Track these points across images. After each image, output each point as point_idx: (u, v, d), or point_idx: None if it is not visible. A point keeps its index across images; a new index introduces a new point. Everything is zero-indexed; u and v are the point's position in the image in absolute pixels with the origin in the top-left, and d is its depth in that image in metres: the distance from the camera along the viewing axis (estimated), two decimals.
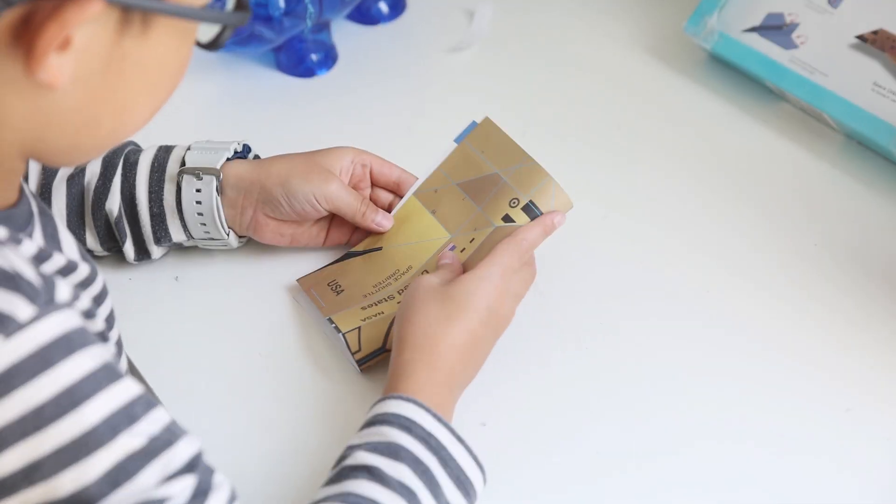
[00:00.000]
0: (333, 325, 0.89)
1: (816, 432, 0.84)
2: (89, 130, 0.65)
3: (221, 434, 0.84)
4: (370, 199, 0.97)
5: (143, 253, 0.94)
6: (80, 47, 0.60)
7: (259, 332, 0.92)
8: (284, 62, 1.16)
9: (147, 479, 0.62)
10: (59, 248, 0.71)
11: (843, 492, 0.80)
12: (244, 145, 0.95)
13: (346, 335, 0.88)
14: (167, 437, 0.63)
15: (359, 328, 0.88)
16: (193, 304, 0.94)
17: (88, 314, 0.70)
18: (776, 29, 1.09)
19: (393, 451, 0.73)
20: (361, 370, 0.87)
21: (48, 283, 0.62)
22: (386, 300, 0.90)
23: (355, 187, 0.96)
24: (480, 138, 0.97)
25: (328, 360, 0.90)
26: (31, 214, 0.68)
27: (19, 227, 0.67)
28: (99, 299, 0.75)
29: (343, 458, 0.75)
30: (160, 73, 0.65)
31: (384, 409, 0.76)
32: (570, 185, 1.03)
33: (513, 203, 0.92)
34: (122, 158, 0.92)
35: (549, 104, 1.12)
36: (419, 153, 1.08)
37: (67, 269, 0.70)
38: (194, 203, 0.91)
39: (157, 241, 0.93)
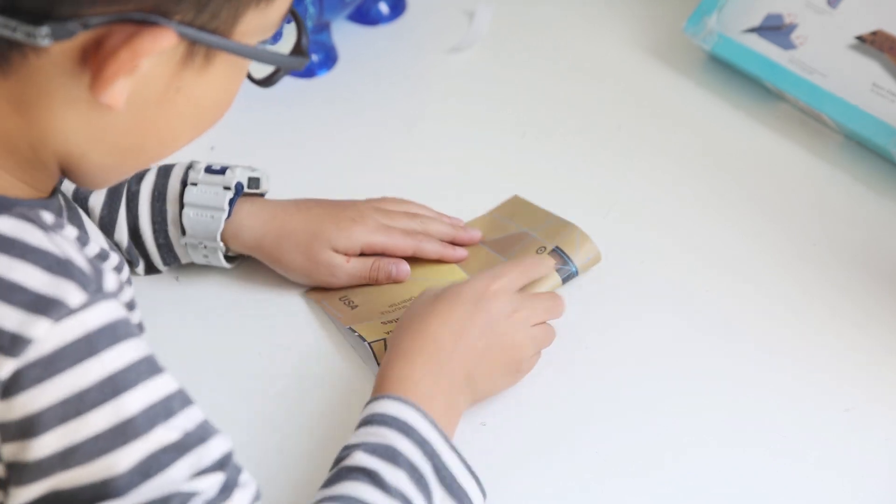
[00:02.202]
0: (357, 333, 0.88)
1: (815, 432, 0.84)
2: (132, 153, 0.66)
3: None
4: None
5: (153, 270, 0.94)
6: (143, 74, 0.61)
7: (259, 333, 0.92)
8: None
9: (178, 473, 0.63)
10: (87, 236, 0.72)
11: (843, 492, 0.80)
12: (248, 178, 0.92)
13: (372, 345, 0.87)
14: (201, 434, 0.64)
15: (384, 339, 0.88)
16: (194, 305, 0.94)
17: (130, 306, 0.71)
18: (775, 29, 1.09)
19: (391, 455, 0.73)
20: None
21: (97, 271, 0.63)
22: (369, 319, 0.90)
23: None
24: (508, 210, 0.98)
25: (328, 360, 0.90)
26: (61, 207, 0.70)
27: (53, 210, 0.68)
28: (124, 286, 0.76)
29: (341, 458, 0.75)
30: (209, 107, 0.67)
31: (382, 409, 0.76)
32: (570, 186, 1.03)
33: (540, 250, 0.93)
34: (125, 187, 0.92)
35: (548, 104, 1.12)
36: (419, 154, 1.08)
37: (102, 256, 0.71)
38: (202, 257, 0.92)
39: (167, 264, 0.94)
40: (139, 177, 0.93)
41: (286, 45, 0.70)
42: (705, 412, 0.85)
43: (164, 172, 0.93)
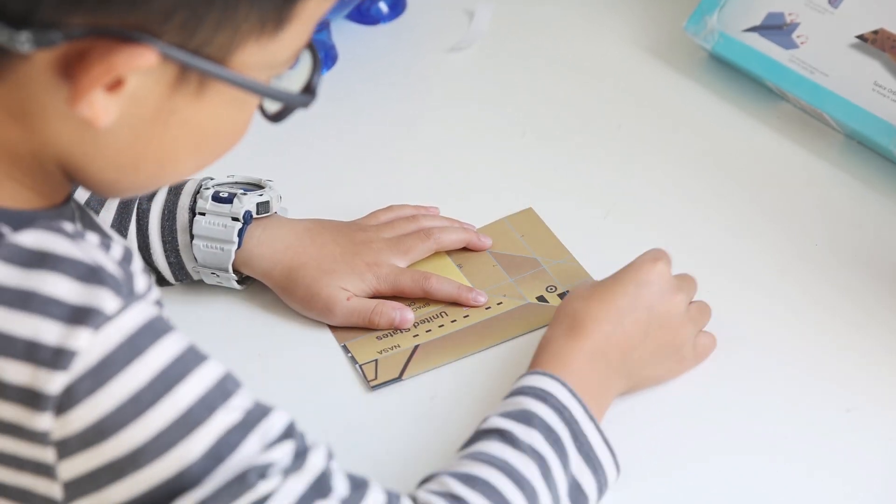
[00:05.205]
0: (349, 353, 0.89)
1: (817, 433, 0.83)
2: (129, 172, 0.65)
3: None
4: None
5: (164, 283, 0.94)
6: (131, 93, 0.61)
7: (258, 333, 0.92)
8: None
9: (249, 449, 0.63)
10: (107, 236, 0.71)
11: (843, 492, 0.80)
12: (257, 204, 0.91)
13: (363, 367, 0.88)
14: (261, 410, 0.65)
15: (376, 361, 0.88)
16: (193, 305, 0.94)
17: (158, 304, 0.71)
18: (776, 29, 1.08)
19: (526, 418, 0.75)
20: (372, 387, 0.88)
21: (127, 274, 0.63)
22: (402, 332, 0.90)
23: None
24: (521, 222, 0.98)
25: (328, 361, 0.90)
26: (73, 212, 0.70)
27: (69, 218, 0.68)
28: None
29: (479, 425, 0.76)
30: (209, 135, 0.66)
31: (522, 383, 0.78)
32: (570, 186, 1.03)
33: (550, 289, 0.93)
34: (136, 205, 0.92)
35: (548, 104, 1.12)
36: (418, 153, 1.08)
37: (127, 258, 0.70)
38: (214, 281, 0.93)
39: (179, 280, 0.93)
40: (150, 195, 0.92)
41: (301, 74, 0.68)
42: (705, 412, 0.85)
43: (175, 190, 0.92)
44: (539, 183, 1.03)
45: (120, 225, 0.91)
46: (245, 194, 0.91)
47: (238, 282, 0.92)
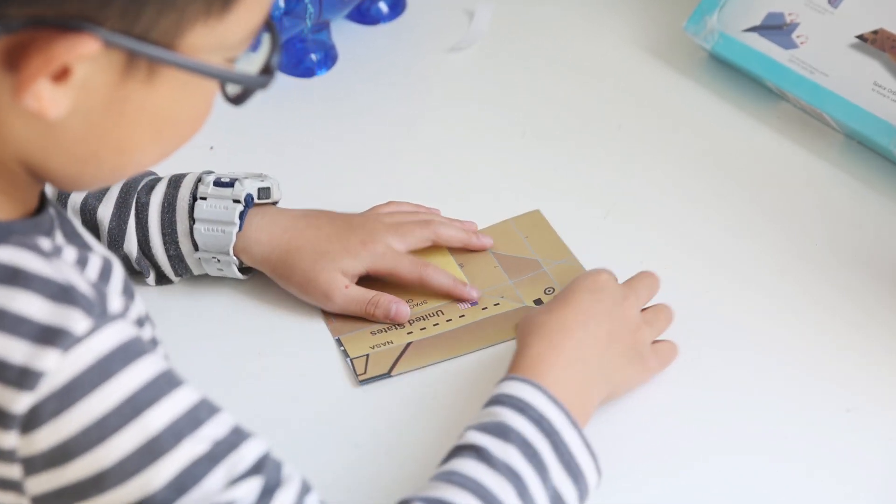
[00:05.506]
0: (342, 347, 0.89)
1: (817, 433, 0.84)
2: (90, 164, 0.64)
3: None
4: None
5: (164, 281, 0.94)
6: (81, 83, 0.60)
7: (258, 333, 0.92)
8: (284, 62, 1.16)
9: (213, 484, 0.62)
10: (86, 245, 0.71)
11: (844, 492, 0.80)
12: (258, 189, 0.91)
13: (353, 360, 0.88)
14: (232, 440, 0.64)
15: (367, 356, 0.88)
16: (193, 305, 0.94)
17: (140, 322, 0.70)
18: (776, 29, 1.08)
19: (503, 432, 0.73)
20: (360, 381, 0.88)
21: (100, 293, 0.62)
22: (395, 328, 0.90)
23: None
24: (527, 224, 0.98)
25: (328, 361, 0.89)
26: (52, 218, 0.69)
27: (45, 231, 0.67)
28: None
29: (457, 440, 0.75)
30: (166, 122, 0.65)
31: (500, 390, 0.77)
32: (570, 186, 1.03)
33: (548, 291, 0.93)
34: (134, 198, 0.92)
35: (548, 104, 1.12)
36: (418, 153, 1.08)
37: (105, 271, 0.70)
38: (216, 269, 0.92)
39: (179, 275, 0.93)
40: (149, 187, 0.92)
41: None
42: (706, 412, 0.85)
43: (175, 183, 0.92)
44: (539, 183, 1.03)
45: (119, 219, 0.91)
46: (247, 178, 0.91)
47: (240, 271, 0.92)
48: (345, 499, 0.79)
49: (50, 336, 0.59)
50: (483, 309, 0.92)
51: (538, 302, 0.92)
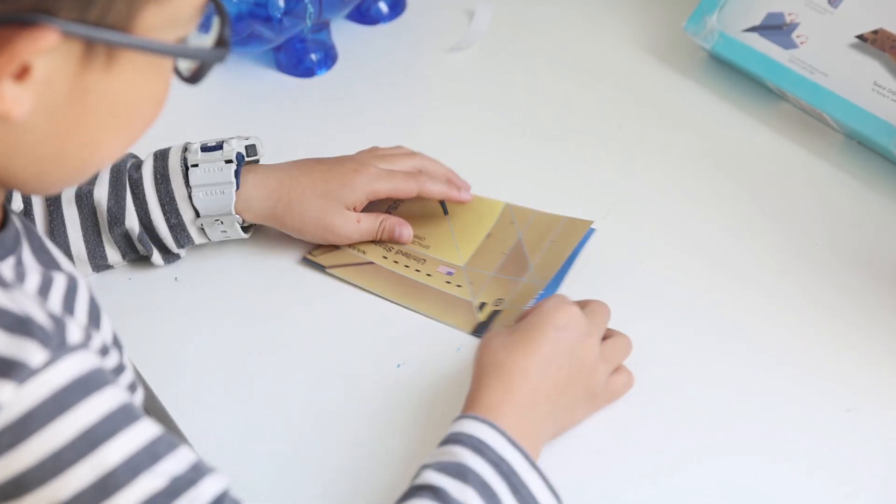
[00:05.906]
0: (309, 261, 0.95)
1: (817, 433, 0.83)
2: (56, 163, 0.63)
3: (219, 435, 0.84)
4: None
5: (170, 256, 0.95)
6: (42, 79, 0.59)
7: (258, 333, 0.92)
8: (284, 62, 1.16)
9: None
10: (53, 262, 0.70)
11: (844, 492, 0.80)
12: (245, 146, 0.94)
13: (310, 254, 0.95)
14: (191, 476, 0.63)
15: (332, 251, 0.95)
16: (193, 305, 0.94)
17: (104, 351, 0.69)
18: (776, 28, 1.08)
19: (461, 473, 0.72)
20: (304, 259, 0.94)
21: (59, 324, 0.61)
22: (374, 244, 0.95)
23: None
24: (567, 231, 0.97)
25: (328, 361, 0.90)
26: (17, 233, 0.67)
27: (9, 250, 0.66)
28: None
29: (414, 477, 0.74)
30: (129, 108, 0.64)
31: (458, 428, 0.75)
32: (569, 186, 1.03)
33: (498, 302, 0.92)
34: (126, 176, 0.92)
35: (548, 104, 1.12)
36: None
37: (71, 289, 0.69)
38: (219, 233, 0.94)
39: (181, 246, 0.94)
40: (136, 166, 0.93)
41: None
42: (706, 413, 0.85)
43: (162, 156, 0.93)
44: (539, 183, 1.03)
45: (116, 196, 0.91)
46: (232, 139, 0.93)
47: (243, 229, 0.94)
48: (344, 499, 0.80)
49: (5, 368, 0.59)
50: (447, 283, 0.93)
51: (482, 306, 0.92)
